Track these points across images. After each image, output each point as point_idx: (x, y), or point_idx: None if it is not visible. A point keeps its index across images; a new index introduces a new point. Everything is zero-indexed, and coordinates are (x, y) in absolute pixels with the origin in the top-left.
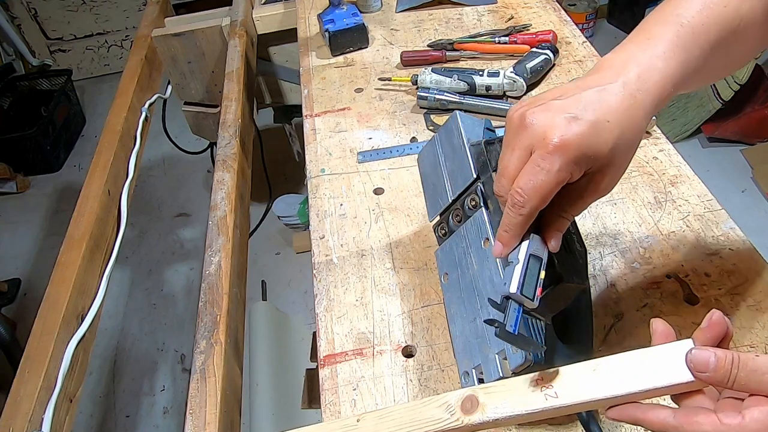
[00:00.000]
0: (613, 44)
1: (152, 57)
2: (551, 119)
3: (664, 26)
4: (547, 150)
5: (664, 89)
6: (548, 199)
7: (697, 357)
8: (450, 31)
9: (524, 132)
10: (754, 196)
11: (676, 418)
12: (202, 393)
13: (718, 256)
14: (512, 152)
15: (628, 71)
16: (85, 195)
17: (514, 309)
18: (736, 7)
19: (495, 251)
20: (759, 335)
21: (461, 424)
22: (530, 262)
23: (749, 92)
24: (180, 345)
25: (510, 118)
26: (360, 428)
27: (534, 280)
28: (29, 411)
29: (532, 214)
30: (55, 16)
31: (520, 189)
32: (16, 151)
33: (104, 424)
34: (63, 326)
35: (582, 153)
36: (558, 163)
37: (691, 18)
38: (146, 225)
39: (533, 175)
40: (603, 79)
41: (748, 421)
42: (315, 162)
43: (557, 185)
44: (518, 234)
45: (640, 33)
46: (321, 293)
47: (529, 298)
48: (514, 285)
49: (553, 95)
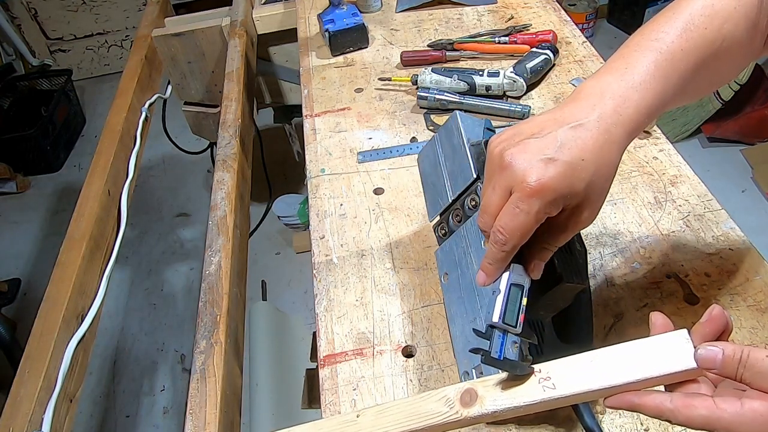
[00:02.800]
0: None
1: (152, 57)
2: (528, 161)
3: (643, 53)
4: (525, 193)
5: (639, 121)
6: (528, 236)
7: (705, 353)
8: (450, 31)
9: (503, 172)
10: (754, 196)
11: (672, 402)
12: (202, 393)
13: (718, 256)
14: (493, 190)
15: (604, 104)
16: (85, 195)
17: (499, 336)
18: (717, 28)
19: (479, 280)
20: (759, 335)
21: (460, 417)
22: (511, 291)
23: (749, 92)
24: (180, 345)
25: (490, 152)
26: (360, 423)
27: (516, 307)
28: (29, 411)
29: (514, 250)
30: (55, 16)
31: (502, 228)
32: (16, 151)
33: (104, 424)
34: (63, 326)
35: (559, 194)
36: (536, 205)
37: (670, 43)
38: (146, 225)
39: (513, 216)
40: (580, 112)
41: (746, 410)
42: (315, 162)
43: (536, 224)
44: (501, 267)
45: (619, 60)
46: (321, 293)
47: (511, 325)
48: (497, 315)
49: (531, 130)
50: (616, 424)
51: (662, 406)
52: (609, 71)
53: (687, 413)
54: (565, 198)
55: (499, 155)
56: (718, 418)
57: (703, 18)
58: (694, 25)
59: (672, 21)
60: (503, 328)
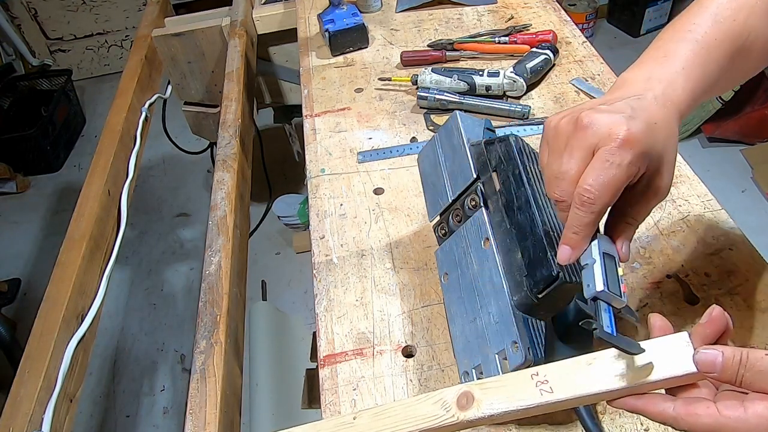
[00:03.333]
0: (613, 44)
1: (152, 57)
2: (611, 118)
3: (679, 43)
4: (615, 144)
5: (687, 103)
6: (617, 195)
7: (704, 357)
8: (450, 31)
9: (584, 132)
10: (754, 196)
11: (675, 410)
12: (202, 393)
13: (718, 256)
14: (571, 154)
15: (653, 86)
16: (85, 195)
17: (605, 308)
18: (743, 20)
19: (562, 256)
20: (759, 335)
21: (456, 420)
22: (606, 261)
23: (749, 92)
24: (180, 345)
25: (555, 126)
26: (356, 426)
27: (615, 277)
28: (29, 411)
29: (602, 212)
30: (55, 16)
31: (590, 186)
32: (16, 151)
33: (104, 424)
34: (63, 326)
35: (645, 147)
36: (628, 156)
37: (704, 34)
38: (146, 225)
39: (602, 170)
40: (630, 93)
41: (750, 414)
42: (315, 162)
43: (627, 179)
44: (588, 234)
45: (657, 50)
46: (321, 293)
47: (617, 295)
48: (600, 283)
49: (591, 104)
50: (616, 425)
51: (665, 413)
52: (649, 60)
53: (691, 421)
54: (649, 155)
55: (573, 120)
56: (723, 425)
57: (729, 11)
58: (723, 16)
59: (701, 13)
60: (608, 299)
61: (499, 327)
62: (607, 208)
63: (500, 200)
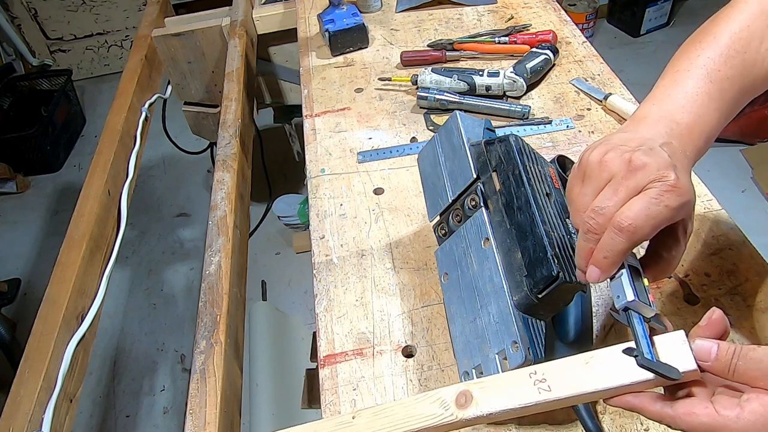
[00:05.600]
0: (613, 44)
1: (152, 57)
2: (662, 163)
3: (696, 82)
4: (666, 187)
5: (703, 149)
6: (655, 232)
7: (701, 346)
8: (450, 31)
9: (635, 173)
10: (754, 196)
11: (673, 409)
12: (202, 393)
13: (718, 256)
14: (616, 192)
15: (674, 131)
16: (85, 195)
17: (638, 320)
18: (756, 49)
19: (591, 277)
20: (759, 335)
21: (455, 419)
22: (632, 272)
23: None
24: (180, 345)
25: (600, 160)
26: (355, 425)
27: (642, 287)
28: (29, 411)
29: (638, 243)
30: (55, 16)
31: (635, 216)
32: (16, 151)
33: (104, 424)
34: (63, 326)
35: (690, 197)
36: (676, 201)
37: (717, 72)
38: (146, 225)
39: (650, 205)
40: (657, 134)
41: (747, 413)
42: (315, 162)
43: (669, 221)
44: (619, 261)
45: (674, 87)
46: (321, 293)
47: (647, 304)
48: (630, 293)
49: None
50: (616, 424)
51: (662, 411)
52: (668, 99)
53: (689, 420)
54: (689, 204)
55: (624, 160)
56: (720, 425)
57: (741, 42)
58: (735, 50)
59: (714, 45)
60: (638, 309)
61: (499, 327)
62: (642, 241)
63: (500, 200)
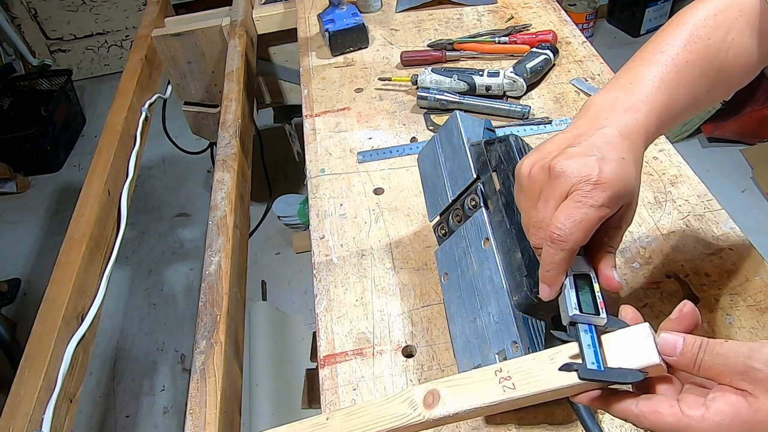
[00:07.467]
0: (613, 44)
1: (152, 57)
2: (582, 163)
3: (649, 67)
4: (588, 187)
5: (650, 131)
6: (590, 234)
7: (666, 340)
8: (450, 31)
9: (557, 181)
10: (754, 196)
11: (638, 407)
12: (202, 393)
13: (718, 256)
14: (546, 202)
15: (616, 116)
16: (85, 195)
17: (585, 331)
18: (721, 37)
19: (543, 295)
20: (759, 335)
21: (423, 419)
22: (577, 281)
23: (749, 92)
24: (180, 345)
25: (525, 174)
26: (329, 426)
27: (589, 295)
28: (29, 411)
29: (574, 250)
30: (55, 16)
31: (561, 224)
32: (16, 151)
33: (104, 424)
34: (63, 326)
35: (618, 189)
36: (601, 198)
37: (675, 56)
38: (146, 225)
39: (574, 210)
40: (596, 123)
41: (712, 413)
42: (315, 162)
43: (599, 220)
44: (562, 271)
45: (625, 75)
46: (321, 293)
47: (593, 314)
48: (572, 306)
49: (558, 146)
50: (616, 424)
51: (627, 409)
52: (616, 87)
53: (653, 419)
54: (621, 195)
55: (544, 169)
56: (685, 425)
57: (706, 29)
58: (698, 36)
59: (676, 33)
60: (586, 320)
61: (499, 327)
62: (579, 247)
63: (500, 200)
